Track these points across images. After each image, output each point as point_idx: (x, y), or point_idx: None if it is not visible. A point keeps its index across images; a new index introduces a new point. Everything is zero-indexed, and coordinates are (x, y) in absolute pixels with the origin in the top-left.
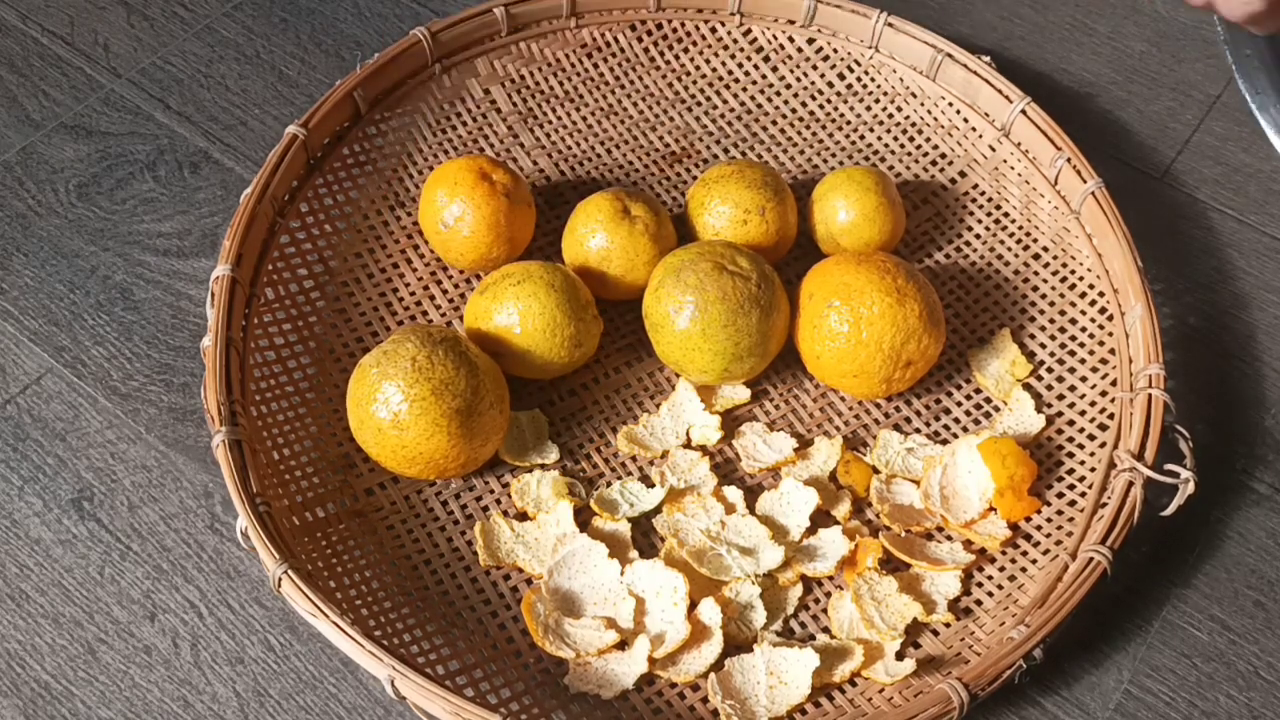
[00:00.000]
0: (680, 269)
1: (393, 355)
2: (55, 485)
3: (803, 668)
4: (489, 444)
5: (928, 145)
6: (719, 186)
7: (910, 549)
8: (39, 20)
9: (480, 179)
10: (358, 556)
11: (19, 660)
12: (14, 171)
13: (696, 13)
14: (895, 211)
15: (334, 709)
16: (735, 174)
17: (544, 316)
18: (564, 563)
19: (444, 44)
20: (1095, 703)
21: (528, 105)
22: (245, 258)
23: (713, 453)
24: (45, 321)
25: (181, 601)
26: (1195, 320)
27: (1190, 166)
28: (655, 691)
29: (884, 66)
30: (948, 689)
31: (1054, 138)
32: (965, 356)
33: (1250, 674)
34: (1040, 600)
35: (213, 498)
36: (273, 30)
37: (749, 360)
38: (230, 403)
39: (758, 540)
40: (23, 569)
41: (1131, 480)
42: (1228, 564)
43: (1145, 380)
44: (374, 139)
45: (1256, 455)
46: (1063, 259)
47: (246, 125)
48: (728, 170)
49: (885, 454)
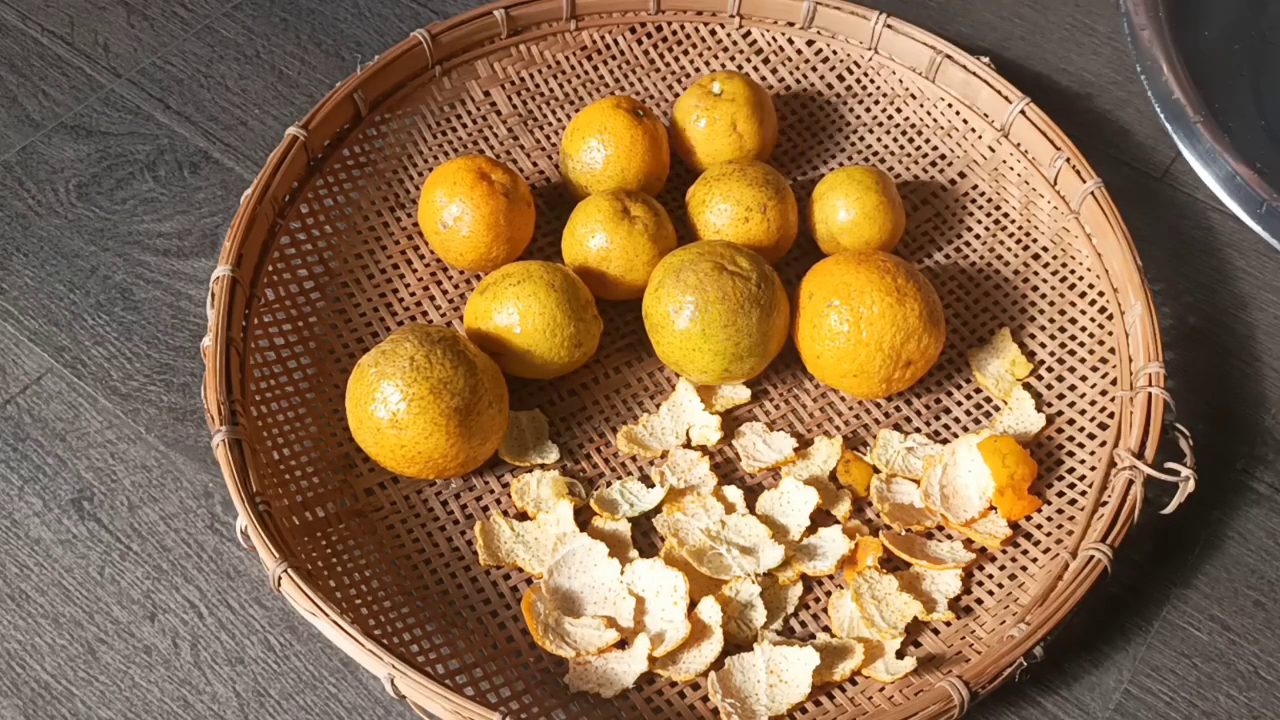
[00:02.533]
0: (680, 269)
1: (391, 355)
2: (55, 485)
3: (803, 666)
4: (488, 443)
5: (927, 146)
6: (720, 185)
7: (910, 548)
8: (39, 20)
9: (479, 179)
10: (357, 556)
11: (19, 660)
12: (14, 171)
13: (696, 15)
14: (895, 210)
15: (334, 709)
16: (736, 172)
17: (544, 316)
18: (564, 562)
19: (444, 46)
20: (1095, 703)
21: (527, 107)
22: (245, 258)
23: (713, 453)
24: (45, 321)
25: (181, 601)
26: (1195, 320)
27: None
28: (655, 690)
29: (883, 68)
30: (948, 687)
31: (1053, 138)
32: (965, 356)
33: (1250, 674)
34: (1041, 599)
35: (213, 498)
36: (273, 30)
37: (749, 360)
38: (230, 402)
39: (758, 539)
40: (23, 569)
41: (1132, 479)
42: (1228, 564)
43: (1145, 379)
44: (374, 140)
45: (1256, 455)
46: (1062, 259)
47: (246, 125)
48: (729, 169)
49: (885, 453)
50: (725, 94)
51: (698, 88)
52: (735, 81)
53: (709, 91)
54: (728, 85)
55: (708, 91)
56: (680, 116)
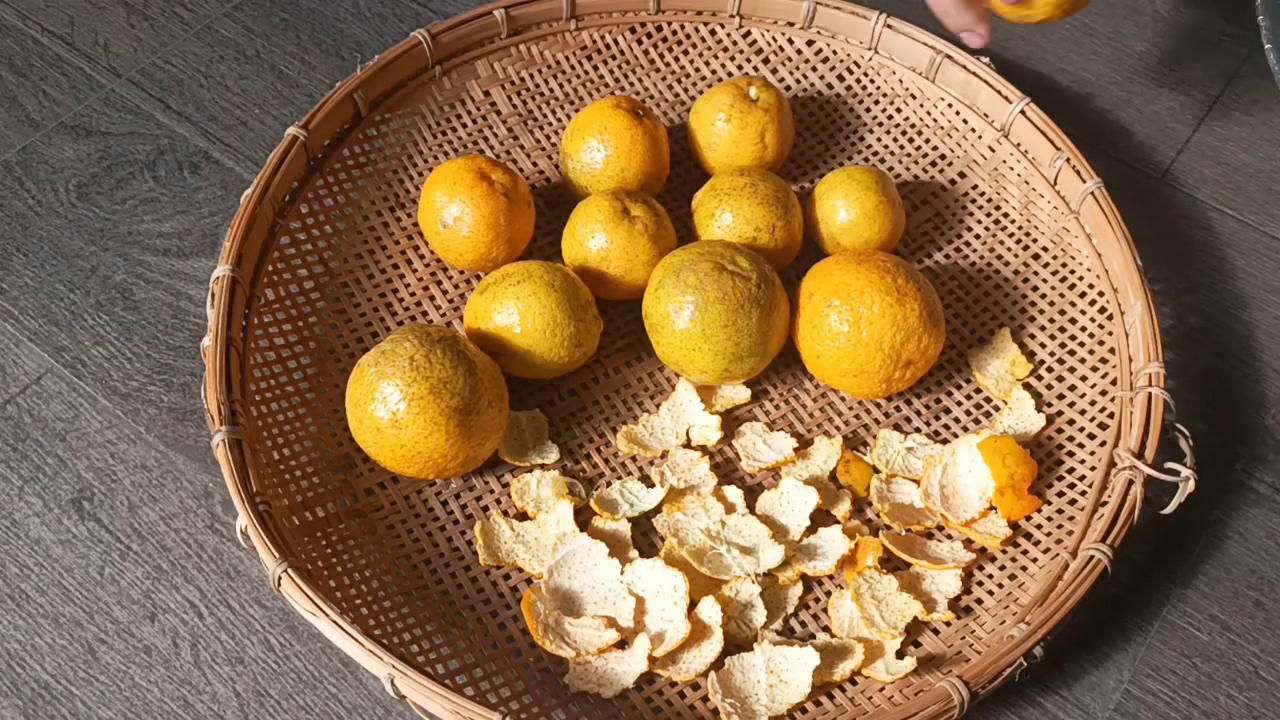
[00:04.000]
0: (680, 269)
1: (391, 355)
2: (55, 485)
3: (803, 666)
4: (488, 443)
5: (927, 146)
6: (730, 199)
7: (910, 548)
8: (39, 20)
9: (479, 179)
10: (357, 556)
11: (19, 660)
12: (14, 171)
13: (696, 15)
14: (895, 210)
15: (334, 709)
16: (747, 188)
17: (544, 316)
18: (564, 562)
19: (444, 46)
20: (1095, 703)
21: (527, 107)
22: (245, 258)
23: (713, 453)
24: (45, 321)
25: (181, 601)
26: (1195, 320)
27: (1190, 166)
28: (655, 690)
29: (883, 68)
30: (948, 687)
31: (1053, 138)
32: (965, 356)
33: (1250, 674)
34: (1041, 598)
35: (213, 498)
36: (273, 30)
37: (749, 360)
38: (230, 402)
39: (758, 539)
40: (23, 569)
41: (1131, 479)
42: (1228, 564)
43: (1145, 379)
44: (374, 140)
45: (1256, 455)
46: (1062, 259)
47: (246, 125)
48: (739, 183)
49: (885, 453)
50: (761, 103)
51: (732, 88)
52: (771, 93)
53: (744, 95)
54: (764, 94)
55: (743, 95)
56: (705, 112)
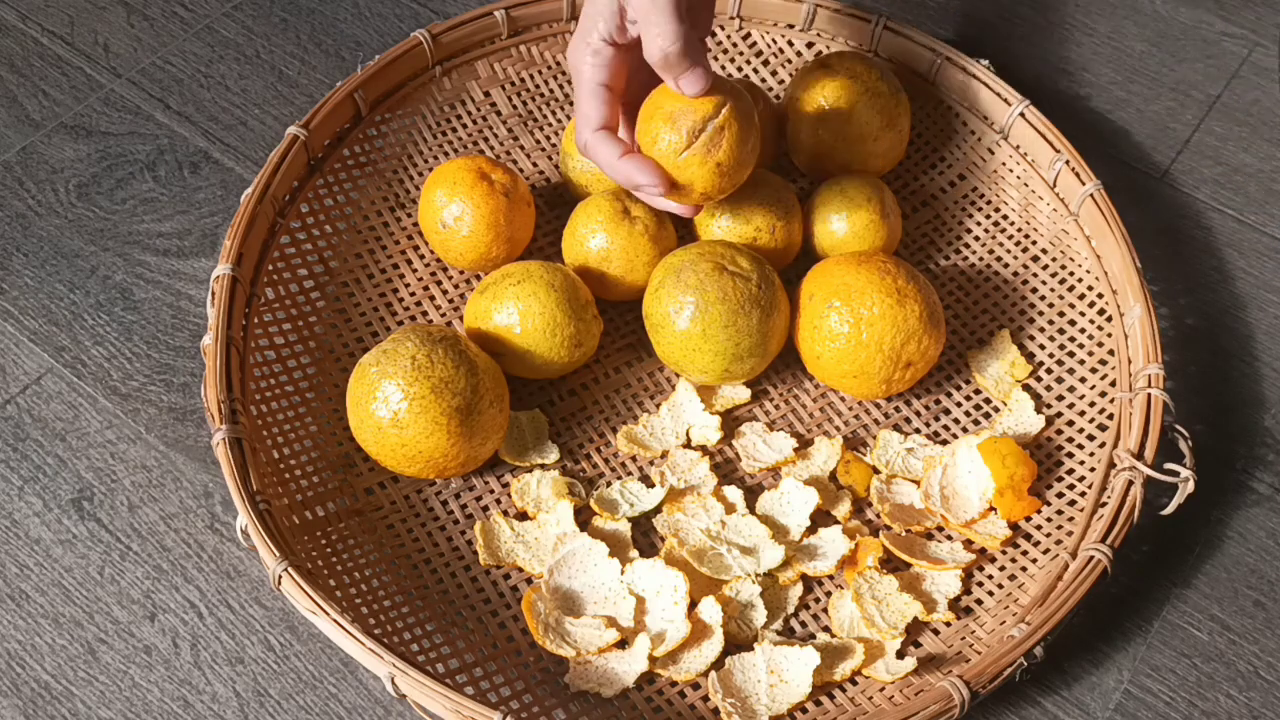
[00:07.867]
0: (680, 269)
1: (392, 354)
2: (55, 485)
3: (803, 666)
4: (489, 443)
5: (927, 149)
6: (730, 200)
7: (910, 548)
8: (39, 20)
9: (479, 178)
10: (358, 555)
11: (19, 660)
12: (14, 171)
13: None
14: (890, 223)
15: (334, 709)
16: (747, 188)
17: (544, 316)
18: (564, 562)
19: (445, 46)
20: (1095, 703)
21: (528, 108)
22: (245, 257)
23: (713, 453)
24: (45, 321)
25: (181, 601)
26: (1194, 320)
27: (1190, 166)
28: (656, 690)
29: None
30: (948, 687)
31: (1053, 140)
32: (965, 357)
33: (1250, 674)
34: (1041, 599)
35: (213, 498)
36: (273, 30)
37: (749, 360)
38: (230, 401)
39: (758, 539)
40: (23, 569)
41: (1131, 479)
42: (1228, 564)
43: (1144, 380)
44: (374, 140)
45: (1256, 455)
46: (1061, 260)
47: (246, 125)
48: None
49: (885, 454)
50: None
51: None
52: None
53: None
54: None
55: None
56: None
